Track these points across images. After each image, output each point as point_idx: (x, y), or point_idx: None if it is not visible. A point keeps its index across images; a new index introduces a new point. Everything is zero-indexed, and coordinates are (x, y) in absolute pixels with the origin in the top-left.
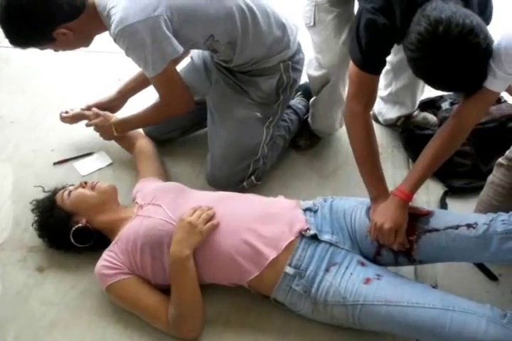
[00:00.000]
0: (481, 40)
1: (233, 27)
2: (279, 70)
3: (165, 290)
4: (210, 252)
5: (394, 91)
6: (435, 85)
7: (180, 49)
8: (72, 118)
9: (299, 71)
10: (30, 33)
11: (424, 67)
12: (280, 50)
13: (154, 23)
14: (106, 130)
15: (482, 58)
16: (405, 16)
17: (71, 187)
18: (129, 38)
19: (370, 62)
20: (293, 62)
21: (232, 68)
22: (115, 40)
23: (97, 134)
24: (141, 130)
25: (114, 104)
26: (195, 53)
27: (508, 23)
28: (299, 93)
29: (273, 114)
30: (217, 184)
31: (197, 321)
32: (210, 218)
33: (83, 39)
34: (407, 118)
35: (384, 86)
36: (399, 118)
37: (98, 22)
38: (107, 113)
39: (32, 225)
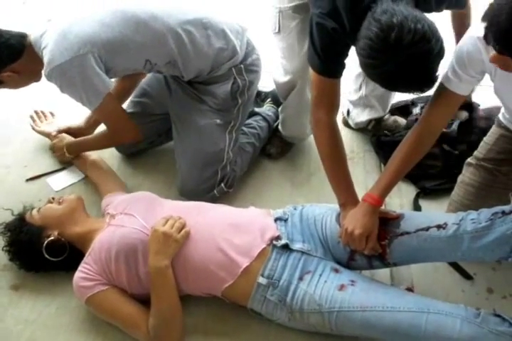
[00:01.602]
0: (433, 45)
1: (167, 48)
2: (231, 75)
3: (142, 301)
4: (183, 261)
5: (364, 95)
6: (389, 88)
7: (111, 84)
8: (39, 133)
9: (255, 72)
10: None
11: (376, 74)
12: (228, 57)
13: (81, 61)
14: (59, 151)
15: (434, 61)
16: (352, 18)
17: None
18: (59, 78)
19: (328, 67)
20: (246, 65)
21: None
22: (48, 80)
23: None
24: None
25: (82, 131)
26: None
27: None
28: (268, 100)
29: (234, 118)
30: (187, 193)
31: (178, 332)
32: (183, 226)
33: (31, 76)
34: (378, 122)
35: (354, 90)
36: (369, 122)
37: (39, 60)
38: (64, 134)
39: (2, 249)
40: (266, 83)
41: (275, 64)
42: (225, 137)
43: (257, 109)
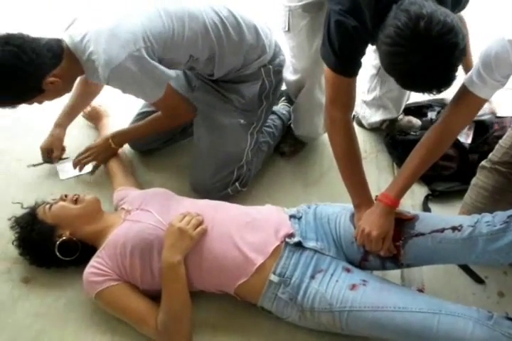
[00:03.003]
0: (460, 40)
1: (210, 42)
2: (260, 75)
3: (153, 297)
4: (199, 258)
5: (379, 96)
6: (407, 84)
7: (172, 73)
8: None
9: (281, 73)
10: (21, 89)
11: (398, 63)
12: (257, 55)
13: (138, 56)
14: (104, 145)
15: (458, 58)
16: (376, 16)
17: (52, 201)
18: (122, 78)
19: (345, 65)
20: (274, 66)
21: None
22: (108, 83)
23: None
24: None
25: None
26: None
27: (496, 29)
28: (283, 98)
29: (257, 120)
30: (200, 190)
31: (186, 328)
32: (200, 223)
33: (68, 85)
34: (392, 122)
35: (368, 90)
36: (383, 122)
37: (78, 65)
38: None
39: (12, 243)
40: None
41: (286, 63)
42: (247, 138)
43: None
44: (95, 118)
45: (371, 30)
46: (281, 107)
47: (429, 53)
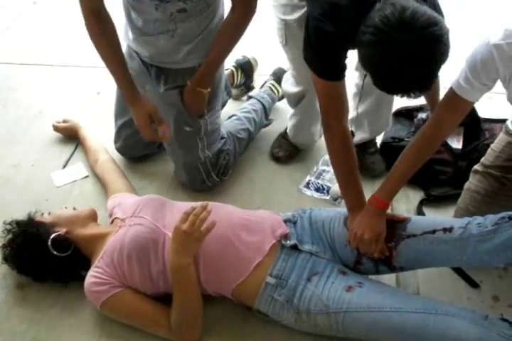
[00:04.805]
0: (444, 34)
1: None
2: None
3: (156, 300)
4: (197, 260)
5: (356, 116)
6: (385, 78)
7: None
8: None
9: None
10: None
11: (380, 53)
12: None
13: None
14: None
15: (442, 53)
16: (355, 21)
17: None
18: None
19: (328, 69)
20: None
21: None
22: None
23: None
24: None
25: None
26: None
27: (481, 33)
28: (270, 78)
29: (203, 124)
30: (184, 183)
31: (199, 326)
32: (204, 222)
33: None
34: None
35: (352, 109)
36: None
37: None
38: None
39: (4, 245)
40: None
41: (285, 74)
42: (196, 142)
43: (251, 93)
44: (71, 134)
45: (350, 34)
46: (261, 90)
47: (413, 43)
